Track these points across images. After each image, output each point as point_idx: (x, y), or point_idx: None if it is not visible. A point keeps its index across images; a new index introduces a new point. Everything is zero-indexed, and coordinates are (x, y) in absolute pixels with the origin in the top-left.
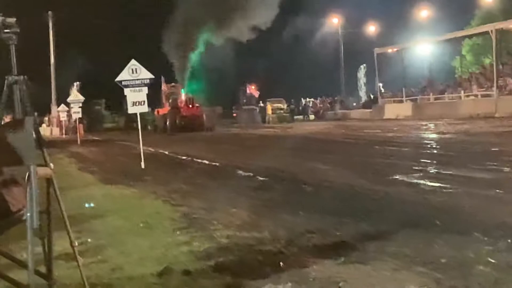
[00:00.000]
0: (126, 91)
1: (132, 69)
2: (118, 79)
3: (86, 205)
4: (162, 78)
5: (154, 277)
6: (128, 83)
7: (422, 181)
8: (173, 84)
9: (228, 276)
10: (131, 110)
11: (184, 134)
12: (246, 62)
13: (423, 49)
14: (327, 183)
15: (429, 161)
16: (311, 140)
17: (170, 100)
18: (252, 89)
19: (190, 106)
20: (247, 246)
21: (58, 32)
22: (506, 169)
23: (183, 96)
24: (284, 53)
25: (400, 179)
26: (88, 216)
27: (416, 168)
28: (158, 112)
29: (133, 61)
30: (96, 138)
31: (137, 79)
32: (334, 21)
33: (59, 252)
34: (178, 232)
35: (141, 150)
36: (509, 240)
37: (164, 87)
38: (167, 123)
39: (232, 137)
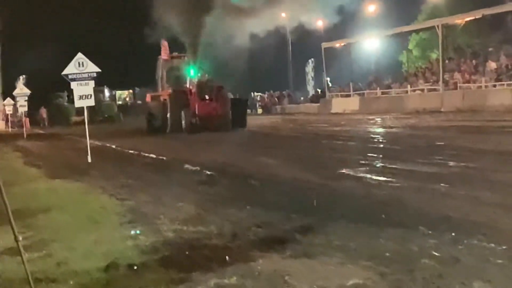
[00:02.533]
0: (73, 85)
1: (79, 63)
2: (64, 72)
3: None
4: (164, 42)
5: (99, 272)
6: (75, 77)
7: (368, 175)
8: (177, 54)
9: (174, 271)
10: (78, 103)
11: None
12: None
13: (371, 43)
14: (274, 178)
15: (375, 155)
16: (258, 134)
17: (170, 78)
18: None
19: (208, 97)
20: (193, 241)
21: (7, 24)
22: (451, 163)
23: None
24: (232, 48)
25: (347, 173)
26: (33, 211)
27: (363, 162)
28: (151, 98)
29: (79, 55)
30: (43, 132)
31: (84, 73)
32: (282, 15)
33: (3, 247)
34: (124, 227)
35: (88, 144)
36: (453, 234)
37: (164, 54)
38: (169, 116)
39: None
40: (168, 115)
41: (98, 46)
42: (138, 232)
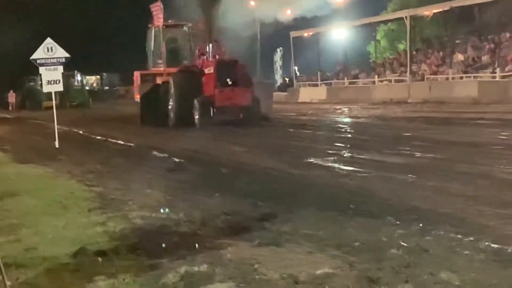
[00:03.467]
0: (41, 70)
1: (48, 48)
2: (33, 57)
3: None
4: (156, 5)
5: (68, 258)
6: (44, 62)
7: (336, 165)
8: (173, 21)
9: (143, 257)
10: (46, 88)
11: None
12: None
13: (339, 33)
14: (243, 166)
15: (343, 145)
16: (225, 121)
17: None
18: None
19: (231, 81)
20: (162, 227)
21: None
22: (418, 154)
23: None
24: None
25: (315, 162)
26: (0, 195)
27: (331, 152)
28: (140, 77)
29: (48, 40)
30: (9, 117)
31: (53, 58)
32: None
33: None
34: (92, 213)
35: (56, 129)
36: (420, 224)
37: (157, 19)
38: (173, 104)
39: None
40: (171, 103)
41: (69, 29)
42: (168, 211)
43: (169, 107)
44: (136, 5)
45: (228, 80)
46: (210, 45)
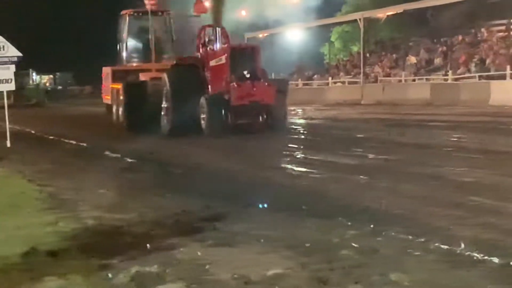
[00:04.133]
0: None
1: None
2: None
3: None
4: None
5: (19, 257)
6: None
7: (289, 166)
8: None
9: (95, 258)
10: None
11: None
12: None
13: (294, 35)
14: (196, 166)
15: (296, 146)
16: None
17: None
18: None
19: (249, 74)
20: (114, 228)
21: None
22: (371, 156)
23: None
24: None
25: (268, 163)
26: None
27: (284, 153)
28: (113, 72)
29: (0, 38)
30: None
31: (4, 57)
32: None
33: None
34: (44, 213)
35: (7, 128)
36: (372, 225)
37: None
38: (167, 106)
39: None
40: (165, 104)
41: (21, 29)
42: None
43: (163, 110)
44: (90, 4)
45: (245, 72)
46: (218, 29)
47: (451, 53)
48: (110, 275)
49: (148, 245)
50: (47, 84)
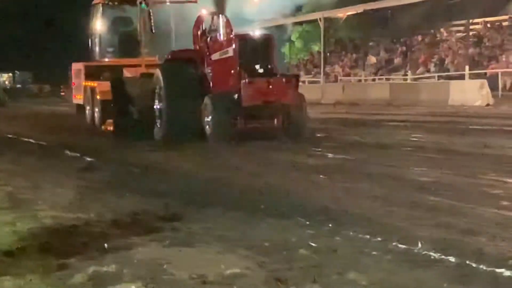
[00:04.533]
0: None
1: None
2: None
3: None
4: None
5: None
6: None
7: (248, 166)
8: None
9: (52, 258)
10: None
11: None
12: None
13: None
14: (154, 165)
15: (254, 145)
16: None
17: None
18: None
19: (261, 68)
20: (72, 227)
21: None
22: (329, 155)
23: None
24: None
25: (226, 162)
26: None
27: (243, 152)
28: (86, 69)
29: None
30: None
31: None
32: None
33: None
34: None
35: None
36: (330, 225)
37: None
38: (161, 107)
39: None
40: (158, 105)
41: None
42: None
43: (156, 112)
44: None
45: (257, 67)
46: (222, 17)
47: (410, 53)
48: (67, 274)
49: (105, 244)
50: (7, 83)
